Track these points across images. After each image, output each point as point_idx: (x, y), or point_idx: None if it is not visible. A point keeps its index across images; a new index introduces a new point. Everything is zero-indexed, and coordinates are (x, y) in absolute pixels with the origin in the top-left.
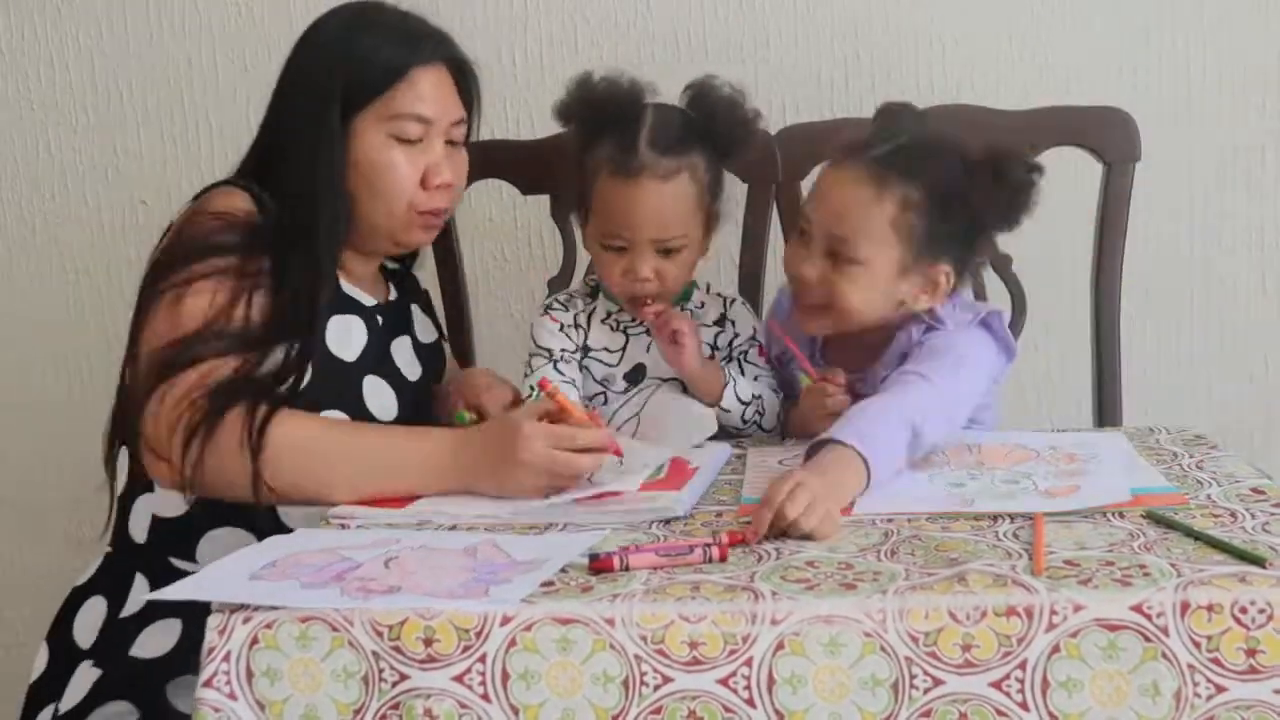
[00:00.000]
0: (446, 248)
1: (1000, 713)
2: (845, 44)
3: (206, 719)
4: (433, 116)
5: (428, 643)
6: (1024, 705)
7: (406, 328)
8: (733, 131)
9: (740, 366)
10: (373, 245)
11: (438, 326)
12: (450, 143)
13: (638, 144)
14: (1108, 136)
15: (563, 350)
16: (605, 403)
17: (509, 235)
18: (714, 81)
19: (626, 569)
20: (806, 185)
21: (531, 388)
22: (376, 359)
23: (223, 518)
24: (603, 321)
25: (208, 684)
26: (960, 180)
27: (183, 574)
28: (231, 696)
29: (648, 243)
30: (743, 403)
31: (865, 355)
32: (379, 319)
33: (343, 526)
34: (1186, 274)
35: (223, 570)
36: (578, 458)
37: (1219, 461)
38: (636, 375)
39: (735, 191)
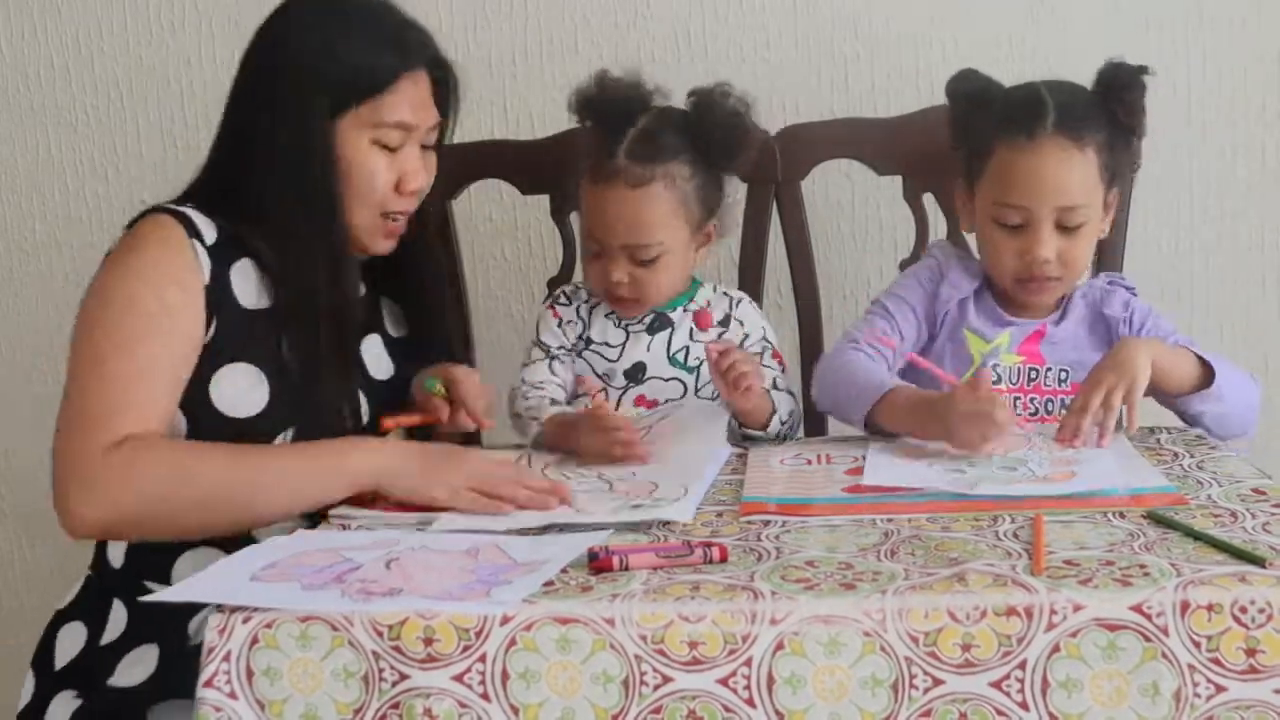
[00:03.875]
0: (446, 248)
1: (1000, 712)
2: (845, 44)
3: (207, 718)
4: (415, 124)
5: (428, 642)
6: (1024, 705)
7: (375, 324)
8: (727, 143)
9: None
10: None
11: (421, 312)
12: (424, 146)
13: (617, 150)
14: None
15: (559, 348)
16: (606, 398)
17: (509, 235)
18: (722, 91)
19: (626, 569)
20: (807, 185)
21: (524, 379)
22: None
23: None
24: (606, 316)
25: (208, 684)
26: (1105, 106)
27: None
28: (232, 696)
29: (620, 248)
30: (783, 422)
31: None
32: None
33: (343, 527)
34: (1187, 274)
35: (223, 571)
36: (518, 482)
37: (1219, 462)
38: (636, 373)
39: (735, 192)
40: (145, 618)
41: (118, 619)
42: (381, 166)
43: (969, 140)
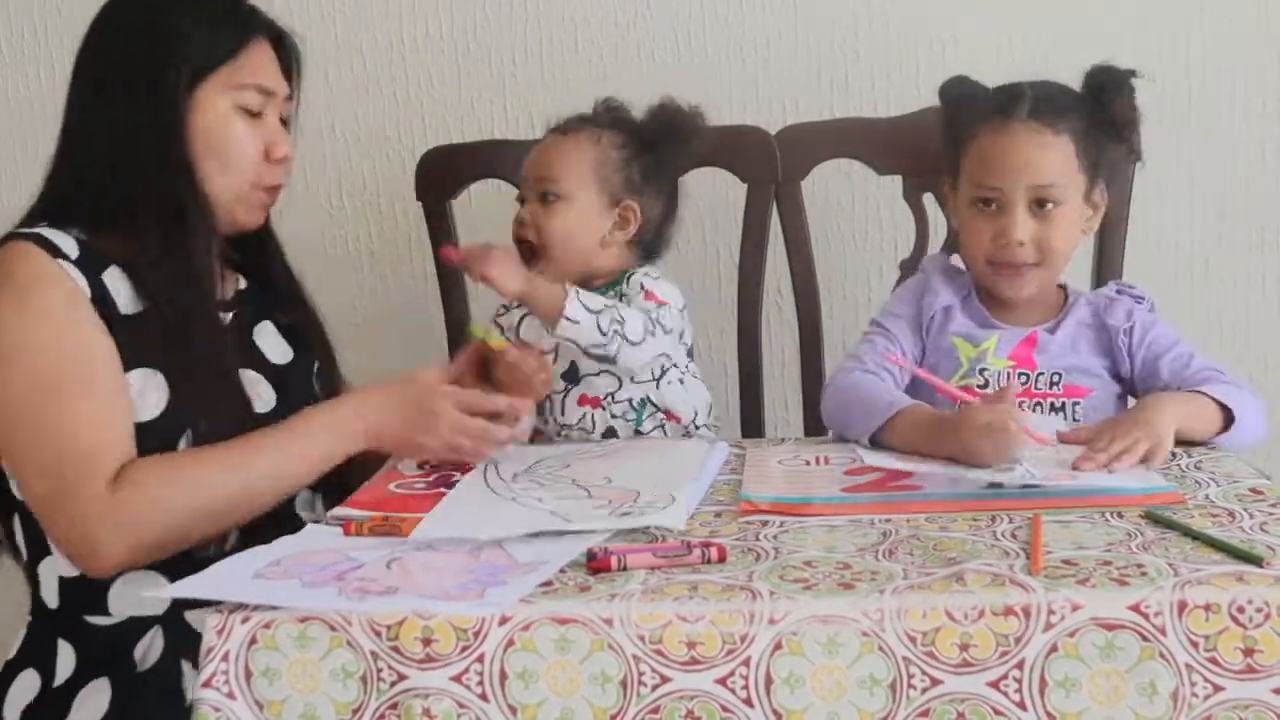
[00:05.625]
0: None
1: (998, 712)
2: (845, 44)
3: (206, 718)
4: (273, 88)
5: (426, 642)
6: (1021, 705)
7: (266, 313)
8: (663, 120)
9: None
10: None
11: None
12: (281, 119)
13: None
14: None
15: None
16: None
17: (509, 235)
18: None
19: (624, 569)
20: (807, 185)
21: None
22: (242, 351)
23: None
24: (540, 324)
25: (207, 684)
26: (1093, 103)
27: (101, 630)
28: (230, 696)
29: (533, 182)
30: (592, 311)
31: (1036, 311)
32: (234, 312)
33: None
34: (1187, 274)
35: (228, 568)
36: (491, 426)
37: (1218, 461)
38: (573, 374)
39: (735, 193)
40: (92, 652)
41: (66, 659)
42: (246, 133)
43: (953, 133)
